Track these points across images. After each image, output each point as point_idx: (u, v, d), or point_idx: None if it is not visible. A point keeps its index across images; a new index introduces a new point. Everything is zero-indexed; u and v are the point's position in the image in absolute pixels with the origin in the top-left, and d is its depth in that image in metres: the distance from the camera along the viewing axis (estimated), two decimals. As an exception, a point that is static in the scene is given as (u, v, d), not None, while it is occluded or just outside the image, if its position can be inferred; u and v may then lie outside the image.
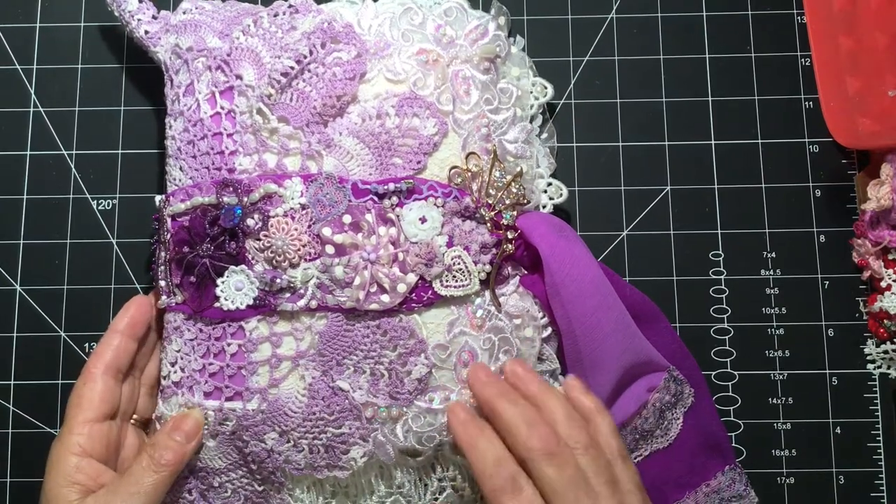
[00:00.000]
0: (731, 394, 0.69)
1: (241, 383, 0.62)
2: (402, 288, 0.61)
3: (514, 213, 0.64)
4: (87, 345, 0.70)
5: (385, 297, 0.61)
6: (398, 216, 0.62)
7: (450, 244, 0.62)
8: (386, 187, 0.62)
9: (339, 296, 0.61)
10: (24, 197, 0.72)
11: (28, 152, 0.72)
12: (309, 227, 0.62)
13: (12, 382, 0.70)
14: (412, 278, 0.61)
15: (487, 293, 0.64)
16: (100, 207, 0.72)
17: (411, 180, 0.62)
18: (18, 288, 0.71)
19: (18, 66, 0.73)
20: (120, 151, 0.72)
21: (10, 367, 0.70)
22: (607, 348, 0.63)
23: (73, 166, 0.72)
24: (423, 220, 0.62)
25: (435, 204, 0.62)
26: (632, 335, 0.65)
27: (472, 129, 0.64)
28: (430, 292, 0.62)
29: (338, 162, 0.63)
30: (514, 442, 0.56)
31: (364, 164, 0.63)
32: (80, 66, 0.73)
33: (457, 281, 0.62)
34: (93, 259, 0.71)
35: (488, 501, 0.55)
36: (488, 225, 0.63)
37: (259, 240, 0.61)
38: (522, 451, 0.55)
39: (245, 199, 0.62)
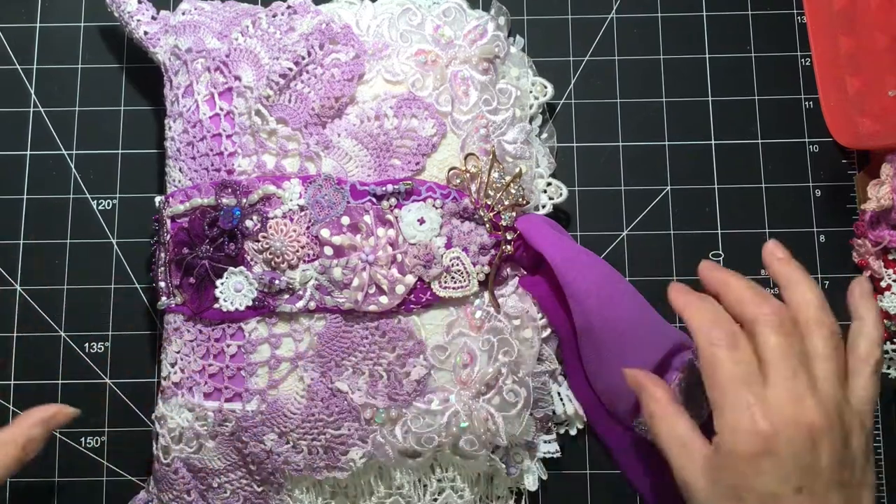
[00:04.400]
0: (730, 394, 0.69)
1: (240, 384, 0.63)
2: (400, 289, 0.61)
3: (513, 213, 0.64)
4: (86, 345, 0.70)
5: (383, 299, 0.61)
6: (397, 217, 0.62)
7: (448, 245, 0.62)
8: (384, 189, 0.62)
9: (338, 297, 0.61)
10: (24, 197, 0.72)
11: (28, 152, 0.72)
12: (307, 228, 0.62)
13: (12, 382, 0.70)
14: (410, 280, 0.62)
15: (486, 294, 0.64)
16: (100, 207, 0.72)
17: (410, 181, 0.62)
18: (18, 288, 0.71)
19: (18, 66, 0.73)
20: (120, 151, 0.72)
21: (10, 367, 0.70)
22: (629, 336, 0.63)
23: (73, 166, 0.72)
24: (421, 221, 0.62)
25: (433, 205, 0.62)
26: (650, 317, 0.65)
27: (471, 129, 0.64)
28: (428, 293, 0.62)
29: (336, 163, 0.63)
30: (743, 309, 0.53)
31: (362, 166, 0.63)
32: (80, 66, 0.73)
33: (455, 282, 0.63)
34: (93, 259, 0.71)
35: (702, 358, 0.52)
36: (487, 226, 0.63)
37: (258, 241, 0.62)
38: (750, 315, 0.52)
39: (244, 200, 0.62)
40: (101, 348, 0.70)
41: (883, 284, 0.68)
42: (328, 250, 0.62)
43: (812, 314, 0.52)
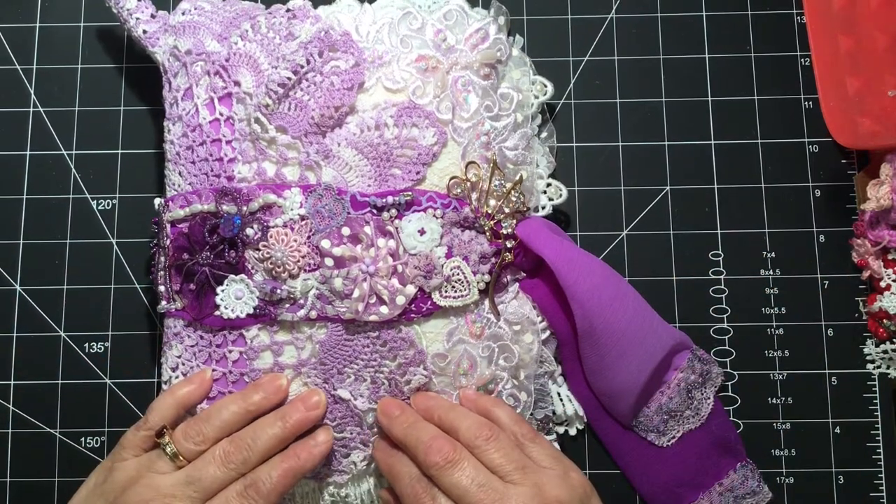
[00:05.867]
0: (730, 394, 0.69)
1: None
2: (401, 300, 0.61)
3: (514, 221, 0.64)
4: (86, 345, 0.70)
5: (384, 309, 0.61)
6: (397, 228, 0.62)
7: (449, 255, 0.62)
8: (384, 200, 0.62)
9: (339, 307, 0.61)
10: (24, 197, 0.72)
11: (28, 152, 0.72)
12: (308, 238, 0.62)
13: (12, 382, 0.70)
14: (411, 290, 0.61)
15: (486, 302, 0.64)
16: (100, 207, 0.72)
17: (410, 192, 0.62)
18: (18, 288, 0.71)
19: (18, 66, 0.73)
20: (120, 151, 0.72)
21: (10, 367, 0.70)
22: (629, 337, 0.64)
23: (72, 166, 0.72)
24: (422, 231, 0.62)
25: (434, 215, 0.62)
26: (651, 318, 0.65)
27: (472, 137, 0.64)
28: (429, 303, 0.62)
29: (336, 173, 0.62)
30: (419, 464, 0.59)
31: (363, 176, 0.63)
32: (79, 66, 0.73)
33: (456, 291, 0.62)
34: (93, 259, 0.71)
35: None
36: (487, 234, 0.63)
37: (258, 250, 0.61)
38: (426, 470, 0.58)
39: (244, 208, 0.61)
40: (101, 348, 0.70)
41: (883, 284, 0.68)
42: (329, 261, 0.61)
43: (467, 433, 0.59)
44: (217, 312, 0.62)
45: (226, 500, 0.57)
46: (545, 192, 0.69)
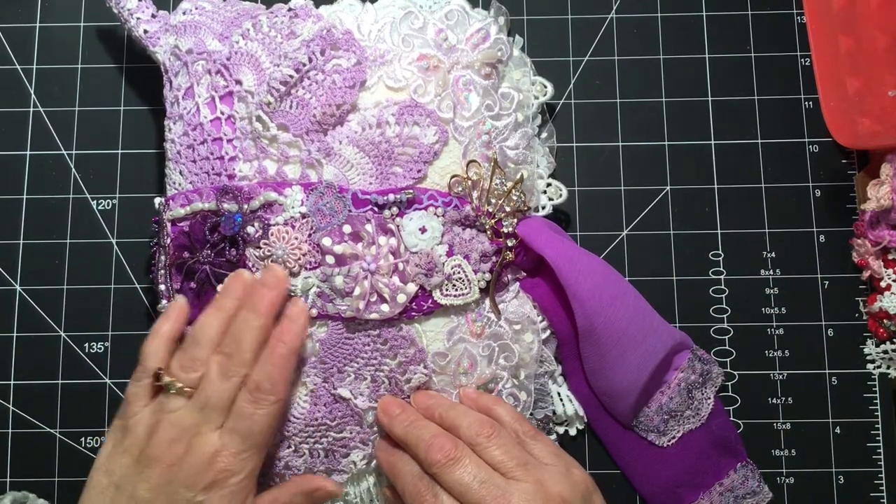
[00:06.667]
0: (730, 394, 0.69)
1: (243, 388, 0.63)
2: (402, 298, 0.61)
3: (514, 220, 0.64)
4: (86, 345, 0.70)
5: (385, 307, 0.61)
6: (398, 226, 0.62)
7: (450, 253, 0.62)
8: (386, 198, 0.62)
9: (340, 305, 0.61)
10: (24, 197, 0.72)
11: (28, 152, 0.72)
12: (309, 236, 0.62)
13: (12, 382, 0.70)
14: (412, 288, 0.61)
15: (487, 301, 0.64)
16: (100, 207, 0.71)
17: (411, 191, 0.62)
18: (18, 288, 0.71)
19: (18, 66, 0.73)
20: (120, 151, 0.72)
21: (10, 367, 0.70)
22: (630, 337, 0.63)
23: (72, 166, 0.72)
24: (423, 230, 0.62)
25: (435, 213, 0.62)
26: (651, 317, 0.65)
27: (473, 136, 0.64)
28: (430, 301, 0.62)
29: (338, 171, 0.62)
30: (421, 462, 0.59)
31: (364, 173, 0.63)
32: (79, 66, 0.73)
33: (457, 290, 0.62)
34: (93, 259, 0.71)
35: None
36: (488, 233, 0.63)
37: (259, 248, 0.61)
38: (428, 468, 0.58)
39: (245, 206, 0.61)
40: (101, 348, 0.70)
41: (883, 284, 0.68)
42: (330, 259, 0.61)
43: (468, 431, 0.59)
44: (217, 311, 0.62)
45: (240, 410, 0.57)
46: (545, 192, 0.69)
